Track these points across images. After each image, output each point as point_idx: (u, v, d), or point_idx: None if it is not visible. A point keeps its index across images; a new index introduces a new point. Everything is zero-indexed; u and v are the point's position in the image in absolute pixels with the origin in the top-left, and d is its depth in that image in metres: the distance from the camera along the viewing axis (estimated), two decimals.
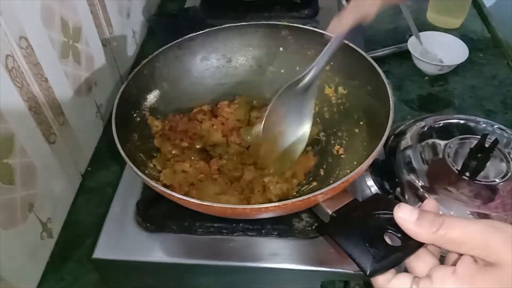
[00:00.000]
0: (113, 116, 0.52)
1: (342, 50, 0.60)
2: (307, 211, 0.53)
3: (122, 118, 0.54)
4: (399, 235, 0.37)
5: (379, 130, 0.49)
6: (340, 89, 0.64)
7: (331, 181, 0.56)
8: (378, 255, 0.37)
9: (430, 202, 0.38)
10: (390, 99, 0.51)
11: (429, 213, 0.35)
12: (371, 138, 0.55)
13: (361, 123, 0.60)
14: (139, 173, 0.46)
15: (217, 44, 0.66)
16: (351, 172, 0.44)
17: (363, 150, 0.56)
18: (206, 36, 0.65)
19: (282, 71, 0.68)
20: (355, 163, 0.56)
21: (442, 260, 0.38)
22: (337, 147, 0.61)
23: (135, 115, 0.58)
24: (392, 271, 0.37)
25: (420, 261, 0.37)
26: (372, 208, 0.40)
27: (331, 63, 0.63)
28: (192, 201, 0.43)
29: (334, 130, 0.63)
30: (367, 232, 0.38)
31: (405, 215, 0.36)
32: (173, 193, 0.44)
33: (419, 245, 0.37)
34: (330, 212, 0.43)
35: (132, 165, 0.47)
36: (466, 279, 0.33)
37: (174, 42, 0.63)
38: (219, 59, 0.67)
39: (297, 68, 0.67)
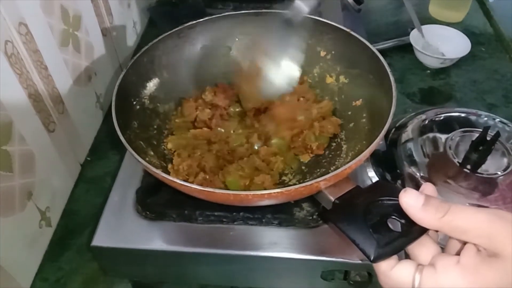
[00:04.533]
0: (113, 103, 0.52)
1: (344, 39, 0.60)
2: (308, 200, 0.53)
3: (122, 106, 0.53)
4: (402, 221, 0.37)
5: (381, 118, 0.49)
6: (342, 78, 0.64)
7: (333, 168, 0.56)
8: (381, 240, 0.36)
9: (428, 186, 0.38)
10: (393, 86, 0.50)
11: (435, 199, 0.35)
12: (373, 126, 0.54)
13: (363, 112, 0.59)
14: (140, 159, 0.46)
15: (217, 32, 0.66)
16: (353, 159, 0.44)
17: (364, 138, 0.56)
18: (206, 25, 0.64)
19: None
20: (356, 150, 0.55)
21: (442, 249, 0.37)
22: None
23: (134, 103, 0.58)
24: (395, 257, 0.36)
25: (423, 248, 0.37)
26: (375, 195, 0.40)
27: (332, 52, 0.63)
28: (193, 187, 0.42)
29: None
30: (370, 218, 0.38)
31: (411, 200, 0.35)
32: (174, 179, 0.43)
33: (423, 231, 0.36)
34: (332, 199, 0.43)
35: (133, 152, 0.46)
36: (470, 270, 0.32)
37: (174, 30, 0.62)
38: (219, 47, 0.67)
39: None
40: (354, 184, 0.44)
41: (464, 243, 0.35)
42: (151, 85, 0.61)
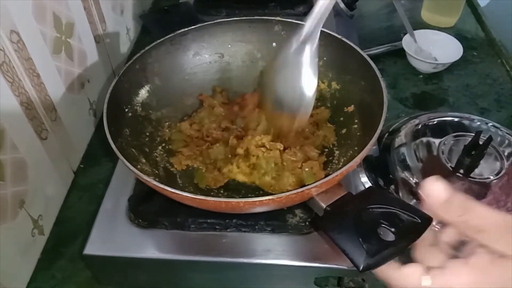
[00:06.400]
0: (104, 111, 0.52)
1: (335, 45, 0.60)
2: (301, 206, 0.53)
3: (114, 114, 0.53)
4: (392, 229, 0.37)
5: (372, 124, 0.49)
6: (334, 84, 0.64)
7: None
8: (371, 250, 0.36)
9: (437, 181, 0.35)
10: (384, 92, 0.51)
11: (459, 195, 0.34)
12: (365, 132, 0.55)
13: (355, 118, 0.59)
14: (131, 167, 0.46)
15: (210, 39, 0.66)
16: (344, 165, 0.44)
17: (356, 144, 0.56)
18: (198, 31, 0.64)
19: None
20: (348, 156, 0.55)
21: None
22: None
23: (126, 110, 0.58)
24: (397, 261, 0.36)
25: (431, 256, 0.36)
26: (366, 202, 0.40)
27: (324, 58, 0.63)
28: (184, 195, 0.42)
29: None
30: (361, 227, 0.38)
31: (436, 191, 0.34)
32: (165, 187, 0.43)
33: (413, 241, 0.36)
34: (324, 205, 0.43)
35: (124, 160, 0.46)
36: (480, 270, 0.32)
37: (166, 37, 0.62)
38: (211, 55, 0.67)
39: None
40: (346, 190, 0.44)
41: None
42: (143, 92, 0.61)
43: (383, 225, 0.38)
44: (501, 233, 0.32)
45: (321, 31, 0.60)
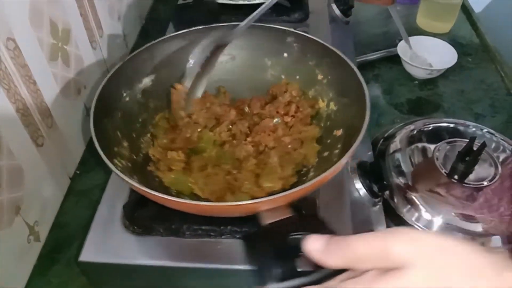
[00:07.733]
0: (97, 95, 0.53)
1: (339, 65, 0.60)
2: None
3: (108, 99, 0.55)
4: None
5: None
6: (332, 105, 0.62)
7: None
8: (278, 276, 0.36)
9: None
10: (365, 120, 0.50)
11: (334, 237, 0.34)
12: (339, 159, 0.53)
13: (339, 143, 0.58)
14: (109, 163, 0.47)
15: None
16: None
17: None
18: (214, 31, 0.64)
19: (282, 76, 0.67)
20: None
21: None
22: None
23: (125, 94, 0.60)
24: None
25: None
26: (297, 228, 0.40)
27: (329, 77, 0.63)
28: (176, 201, 0.43)
29: None
30: (280, 253, 0.38)
31: (313, 245, 0.34)
32: (157, 194, 0.43)
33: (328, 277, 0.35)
34: (263, 222, 0.43)
35: (112, 166, 0.46)
36: (370, 282, 0.32)
37: (180, 32, 0.63)
38: (224, 55, 0.66)
39: (297, 77, 0.66)
40: (291, 213, 0.44)
41: None
42: (147, 80, 0.63)
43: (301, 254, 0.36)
44: (383, 250, 0.31)
45: (331, 51, 0.60)
